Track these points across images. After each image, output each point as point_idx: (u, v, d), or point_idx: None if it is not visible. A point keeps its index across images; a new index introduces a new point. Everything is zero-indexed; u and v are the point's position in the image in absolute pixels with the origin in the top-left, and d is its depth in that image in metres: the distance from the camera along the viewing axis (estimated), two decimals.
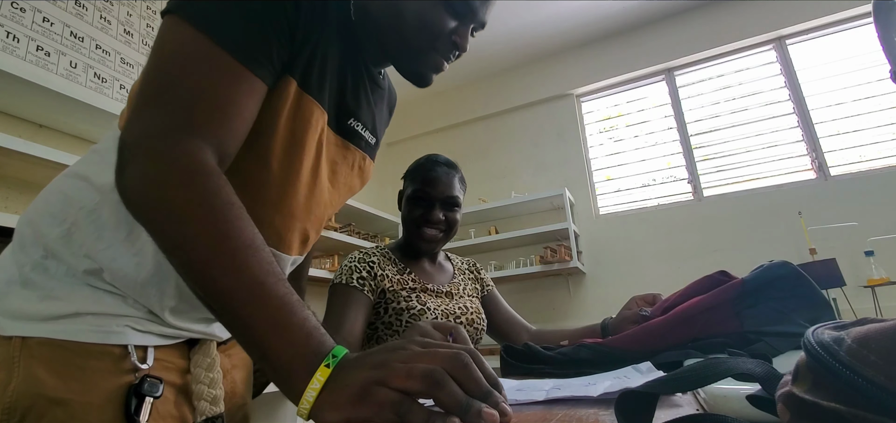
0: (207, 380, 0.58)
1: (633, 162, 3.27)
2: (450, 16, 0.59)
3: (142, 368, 0.52)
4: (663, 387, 0.33)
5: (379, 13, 0.60)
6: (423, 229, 1.07)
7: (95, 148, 0.58)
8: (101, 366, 0.50)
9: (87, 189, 0.53)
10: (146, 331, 0.54)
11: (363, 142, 0.69)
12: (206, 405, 0.57)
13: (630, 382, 0.54)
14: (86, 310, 0.50)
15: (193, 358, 0.59)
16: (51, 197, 0.55)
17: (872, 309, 2.29)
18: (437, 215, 1.07)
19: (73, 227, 0.52)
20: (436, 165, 1.09)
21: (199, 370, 0.58)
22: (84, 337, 0.49)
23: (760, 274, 0.68)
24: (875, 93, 2.68)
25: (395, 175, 1.26)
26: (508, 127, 3.72)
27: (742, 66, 3.08)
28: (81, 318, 0.50)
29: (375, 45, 0.64)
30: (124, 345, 0.51)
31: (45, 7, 1.81)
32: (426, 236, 1.07)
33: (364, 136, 0.69)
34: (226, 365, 0.65)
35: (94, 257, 0.51)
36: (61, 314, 0.49)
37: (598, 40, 3.46)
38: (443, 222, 1.08)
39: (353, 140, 0.67)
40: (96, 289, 0.51)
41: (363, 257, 1.05)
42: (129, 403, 0.49)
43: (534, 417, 0.43)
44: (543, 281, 3.25)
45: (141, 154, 0.41)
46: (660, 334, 0.71)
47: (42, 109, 1.65)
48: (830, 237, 2.47)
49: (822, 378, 0.21)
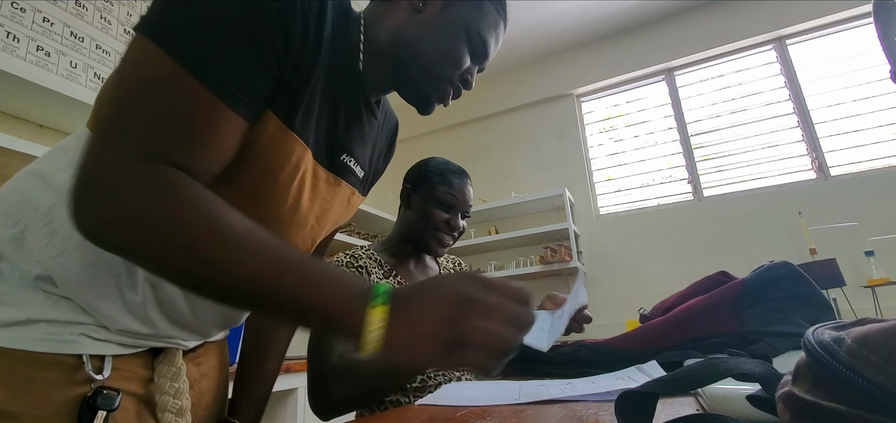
0: (172, 390, 0.55)
1: (633, 162, 3.27)
2: (468, 53, 0.64)
3: (97, 378, 0.49)
4: (663, 387, 0.33)
5: (398, 42, 0.60)
6: (443, 235, 1.07)
7: (62, 144, 0.55)
8: (51, 377, 0.47)
9: (43, 189, 0.50)
10: (104, 340, 0.51)
11: (353, 177, 0.68)
12: (171, 417, 0.54)
13: (634, 382, 0.54)
14: (38, 317, 0.48)
15: (157, 368, 0.56)
16: (7, 195, 0.52)
17: (872, 309, 2.29)
18: (460, 222, 1.09)
19: (27, 230, 0.49)
20: (462, 174, 1.10)
21: (163, 379, 0.55)
22: (33, 346, 0.47)
23: (760, 274, 0.68)
24: (875, 93, 2.68)
25: (395, 175, 1.24)
26: (508, 127, 3.71)
27: (742, 66, 3.08)
28: (33, 325, 0.47)
29: (382, 73, 0.63)
30: (78, 354, 0.48)
31: (45, 7, 1.81)
32: (445, 241, 1.07)
33: (354, 170, 0.67)
34: (193, 374, 0.62)
35: (45, 264, 0.48)
36: (11, 321, 0.47)
37: (598, 40, 3.46)
38: (460, 229, 1.09)
39: (343, 175, 0.65)
40: (50, 295, 0.48)
41: (351, 260, 1.03)
42: (81, 416, 0.47)
43: (534, 417, 0.43)
44: (543, 281, 3.25)
45: (110, 187, 0.39)
46: (660, 334, 0.71)
47: (42, 109, 1.65)
48: (830, 237, 2.47)
49: (822, 378, 0.21)
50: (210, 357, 0.68)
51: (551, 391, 0.55)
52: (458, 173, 1.10)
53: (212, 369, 0.68)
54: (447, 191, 1.06)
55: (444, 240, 1.07)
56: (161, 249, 0.39)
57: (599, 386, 0.54)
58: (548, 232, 3.03)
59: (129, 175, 0.39)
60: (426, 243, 1.08)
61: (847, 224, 2.44)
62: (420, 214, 1.07)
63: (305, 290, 0.39)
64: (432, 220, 1.05)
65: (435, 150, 2.88)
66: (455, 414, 0.48)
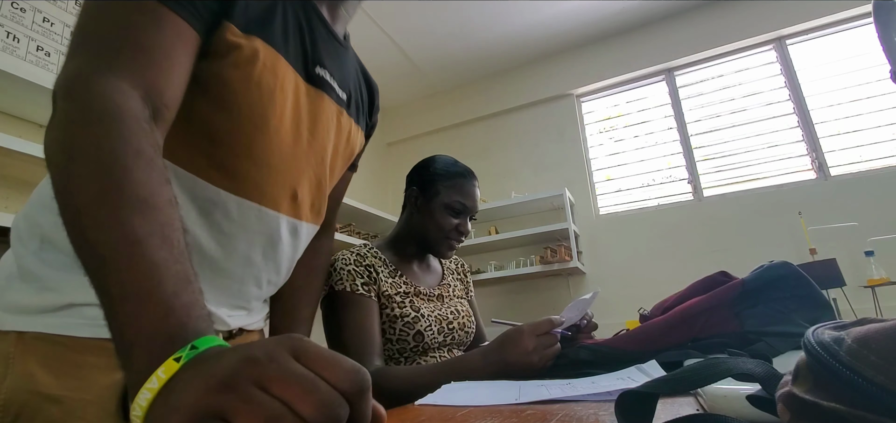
0: None
1: (633, 162, 3.27)
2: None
3: None
4: (663, 387, 0.33)
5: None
6: (452, 240, 1.07)
7: None
8: (96, 361, 0.48)
9: None
10: None
11: (334, 93, 0.68)
12: None
13: (634, 382, 0.54)
14: (79, 301, 0.48)
15: None
16: (44, 188, 0.54)
17: (872, 309, 2.29)
18: (468, 227, 1.09)
19: None
20: (470, 176, 1.10)
21: None
22: (77, 331, 0.48)
23: (760, 274, 0.68)
24: (875, 93, 2.68)
25: (395, 175, 1.24)
26: (508, 127, 3.71)
27: (742, 66, 3.08)
28: (75, 309, 0.48)
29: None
30: None
31: (45, 7, 1.81)
32: (454, 246, 1.08)
33: (332, 85, 0.68)
34: None
35: None
36: (56, 306, 0.48)
37: (598, 40, 3.46)
38: (468, 232, 1.09)
39: (323, 88, 0.66)
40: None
41: (358, 259, 1.01)
42: (125, 399, 0.47)
43: (534, 417, 0.43)
44: (543, 281, 3.25)
45: (60, 97, 0.39)
46: (660, 334, 0.71)
47: (42, 109, 1.65)
48: (830, 237, 2.47)
49: (822, 378, 0.21)
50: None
51: (551, 391, 0.55)
52: (467, 176, 1.09)
53: None
54: (458, 199, 1.06)
55: (453, 245, 1.08)
56: (56, 170, 0.36)
57: (599, 386, 0.54)
58: (548, 232, 3.03)
59: (78, 90, 0.39)
60: (436, 248, 1.08)
61: (847, 224, 2.44)
62: (430, 218, 1.06)
63: (130, 292, 0.30)
64: (444, 226, 1.05)
65: (435, 150, 2.88)
66: (455, 414, 0.48)
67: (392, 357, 0.99)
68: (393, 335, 0.98)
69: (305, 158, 0.64)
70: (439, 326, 1.01)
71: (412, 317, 0.98)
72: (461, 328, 1.06)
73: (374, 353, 0.92)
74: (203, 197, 0.55)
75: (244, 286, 0.63)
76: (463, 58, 3.55)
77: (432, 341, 0.99)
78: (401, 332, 0.97)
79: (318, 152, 0.66)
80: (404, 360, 0.99)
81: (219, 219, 0.57)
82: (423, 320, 0.99)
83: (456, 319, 1.06)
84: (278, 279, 0.70)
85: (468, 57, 3.55)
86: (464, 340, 1.08)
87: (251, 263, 0.62)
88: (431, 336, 0.99)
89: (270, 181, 0.60)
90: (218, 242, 0.57)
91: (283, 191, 0.62)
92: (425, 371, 0.86)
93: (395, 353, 0.98)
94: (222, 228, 0.57)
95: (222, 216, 0.57)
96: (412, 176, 1.13)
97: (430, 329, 0.99)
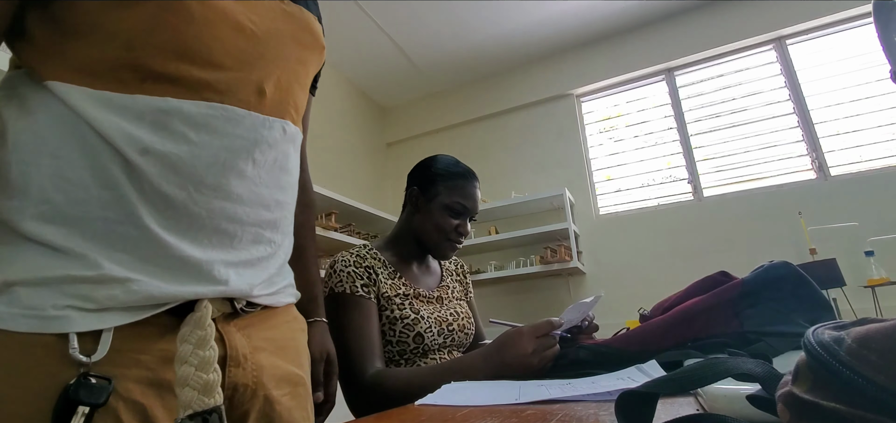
0: (196, 360, 0.43)
1: (633, 162, 3.27)
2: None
3: (84, 361, 0.40)
4: (663, 387, 0.32)
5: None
6: (452, 241, 1.07)
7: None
8: (30, 360, 0.39)
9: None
10: (101, 308, 0.41)
11: None
12: (194, 395, 0.42)
13: (634, 382, 0.54)
14: (15, 278, 0.40)
15: (180, 332, 0.45)
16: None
17: (872, 309, 2.29)
18: (468, 228, 1.09)
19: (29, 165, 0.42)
20: (471, 177, 1.10)
21: (185, 345, 0.44)
22: (10, 323, 0.39)
23: (760, 274, 0.68)
24: (875, 93, 2.68)
25: (395, 175, 1.23)
26: (508, 127, 3.72)
27: (742, 66, 3.08)
28: (12, 291, 0.39)
29: None
30: (63, 334, 0.39)
31: None
32: (454, 247, 1.08)
33: None
34: (241, 346, 0.51)
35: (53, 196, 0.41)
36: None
37: (598, 40, 3.46)
38: (468, 233, 1.09)
39: None
40: (45, 248, 0.41)
41: (358, 260, 1.00)
42: (58, 413, 0.38)
43: (534, 417, 0.43)
44: (543, 281, 3.25)
45: None
46: (660, 334, 0.71)
47: None
48: (830, 237, 2.47)
49: (822, 378, 0.21)
50: (270, 326, 0.57)
51: (551, 391, 0.55)
52: (468, 177, 1.09)
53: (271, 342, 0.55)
54: (459, 200, 1.05)
55: (454, 246, 1.08)
56: None
57: (599, 386, 0.54)
58: (548, 232, 3.03)
59: None
60: (437, 249, 1.07)
61: (847, 224, 2.44)
62: (430, 219, 1.06)
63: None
64: (445, 228, 1.05)
65: (435, 150, 2.88)
66: (455, 414, 0.48)
67: (392, 359, 0.99)
68: (393, 338, 0.98)
69: (258, 50, 0.53)
70: (439, 328, 1.01)
71: (412, 319, 0.98)
72: (461, 330, 1.06)
73: (375, 356, 0.92)
74: (153, 108, 0.45)
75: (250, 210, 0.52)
76: (463, 58, 3.55)
77: (432, 343, 0.99)
78: (401, 334, 0.97)
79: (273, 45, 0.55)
80: (405, 362, 0.99)
81: (180, 127, 0.46)
82: (423, 322, 0.99)
83: (455, 320, 1.06)
84: (285, 198, 0.58)
85: (468, 57, 3.55)
86: (463, 341, 1.08)
87: (243, 174, 0.50)
88: (431, 338, 0.99)
89: (228, 80, 0.49)
90: (192, 154, 0.46)
91: (246, 87, 0.51)
92: (425, 373, 0.86)
93: (395, 355, 0.98)
94: (189, 137, 0.46)
95: (182, 123, 0.46)
96: (413, 175, 1.13)
97: (430, 331, 0.99)
